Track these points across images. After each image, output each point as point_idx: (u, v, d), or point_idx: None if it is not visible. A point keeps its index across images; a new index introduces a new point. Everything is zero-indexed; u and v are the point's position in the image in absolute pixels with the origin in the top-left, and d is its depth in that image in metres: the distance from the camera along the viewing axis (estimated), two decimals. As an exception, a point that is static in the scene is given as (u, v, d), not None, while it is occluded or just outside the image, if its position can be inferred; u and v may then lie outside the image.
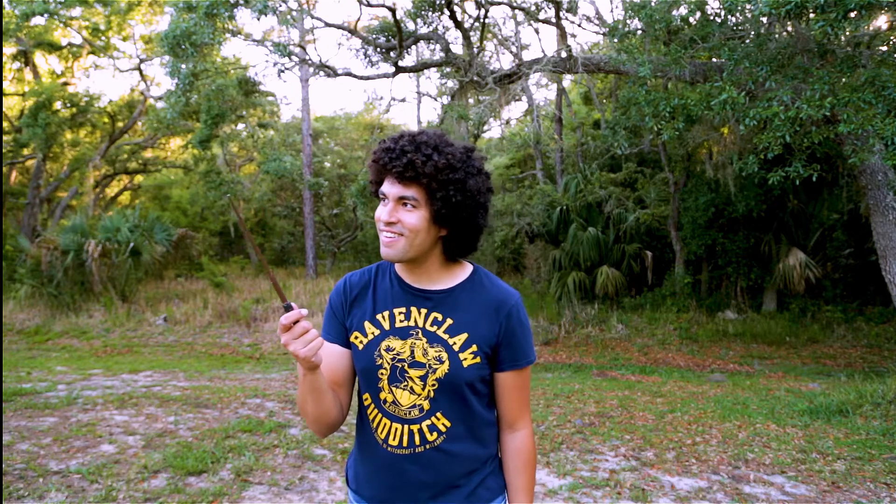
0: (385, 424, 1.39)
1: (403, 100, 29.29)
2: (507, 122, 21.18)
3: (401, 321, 1.39)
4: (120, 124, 19.69)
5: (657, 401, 6.39)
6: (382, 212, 1.32)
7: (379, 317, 1.40)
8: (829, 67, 6.50)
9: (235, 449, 4.29)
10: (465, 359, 1.35)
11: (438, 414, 1.36)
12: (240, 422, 5.02)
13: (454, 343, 1.35)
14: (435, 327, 1.36)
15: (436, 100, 20.44)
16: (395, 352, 1.37)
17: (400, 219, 1.30)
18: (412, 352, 1.36)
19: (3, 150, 16.99)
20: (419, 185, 1.28)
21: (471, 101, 11.87)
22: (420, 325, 1.37)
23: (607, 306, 12.69)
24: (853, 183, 10.49)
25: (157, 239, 13.60)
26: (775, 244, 11.92)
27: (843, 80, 6.37)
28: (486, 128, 19.10)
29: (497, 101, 11.57)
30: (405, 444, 1.37)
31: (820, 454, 4.41)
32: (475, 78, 9.88)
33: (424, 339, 1.36)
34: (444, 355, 1.34)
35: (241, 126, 19.62)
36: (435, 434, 1.36)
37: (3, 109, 17.62)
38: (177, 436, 4.61)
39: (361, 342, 1.41)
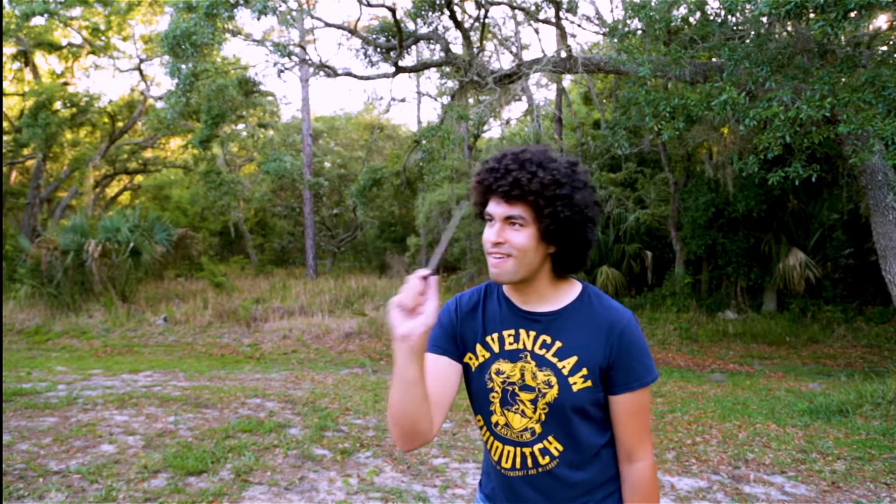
0: (498, 447, 1.39)
1: (403, 100, 29.48)
2: (507, 122, 21.18)
3: (510, 343, 1.37)
4: (120, 124, 19.70)
5: (657, 401, 6.39)
6: (490, 233, 1.30)
7: (489, 339, 1.39)
8: (829, 67, 6.49)
9: (235, 449, 4.29)
10: (575, 383, 1.32)
11: (550, 437, 1.35)
12: (240, 422, 5.02)
13: (563, 367, 1.33)
14: (544, 350, 1.34)
15: (436, 100, 20.50)
16: (504, 375, 1.36)
17: (507, 239, 1.28)
18: (522, 375, 1.35)
19: (3, 150, 16.99)
20: (526, 204, 1.26)
21: (471, 101, 11.88)
22: (529, 348, 1.35)
23: (607, 306, 12.67)
24: (853, 183, 10.48)
25: (157, 239, 13.61)
26: (775, 244, 11.92)
27: (843, 80, 6.37)
28: (486, 128, 19.14)
29: (497, 101, 11.56)
30: (518, 466, 1.37)
31: (820, 454, 4.41)
32: (475, 78, 9.88)
33: (533, 363, 1.34)
34: (554, 379, 1.32)
35: (241, 126, 19.67)
36: (547, 458, 1.35)
37: (3, 109, 17.61)
38: (177, 436, 4.61)
39: (473, 364, 1.40)
